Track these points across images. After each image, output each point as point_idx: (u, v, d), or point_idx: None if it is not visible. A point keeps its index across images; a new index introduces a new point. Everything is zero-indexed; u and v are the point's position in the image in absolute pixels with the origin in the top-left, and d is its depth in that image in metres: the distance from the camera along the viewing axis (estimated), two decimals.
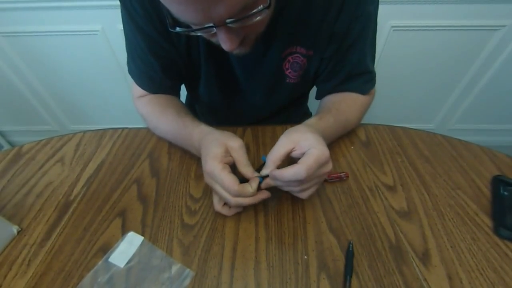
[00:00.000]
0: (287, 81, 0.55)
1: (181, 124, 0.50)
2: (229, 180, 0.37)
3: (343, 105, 0.54)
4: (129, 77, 0.57)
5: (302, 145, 0.38)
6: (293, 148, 0.38)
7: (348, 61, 0.52)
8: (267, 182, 0.39)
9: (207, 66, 0.53)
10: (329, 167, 0.38)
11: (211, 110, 0.71)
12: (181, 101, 0.61)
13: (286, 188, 0.40)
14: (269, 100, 0.61)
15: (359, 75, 0.54)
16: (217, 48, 0.37)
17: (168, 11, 0.31)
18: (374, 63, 0.55)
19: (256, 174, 0.39)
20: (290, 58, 0.51)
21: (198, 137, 0.45)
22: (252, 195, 0.38)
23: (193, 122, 0.49)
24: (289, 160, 0.39)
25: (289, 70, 0.53)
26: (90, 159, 0.54)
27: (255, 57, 0.51)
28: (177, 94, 0.61)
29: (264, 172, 0.39)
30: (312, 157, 0.35)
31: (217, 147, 0.39)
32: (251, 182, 0.39)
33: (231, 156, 0.40)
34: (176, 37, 0.48)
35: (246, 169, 0.39)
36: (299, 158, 0.37)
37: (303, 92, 0.68)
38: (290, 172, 0.35)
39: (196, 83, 0.59)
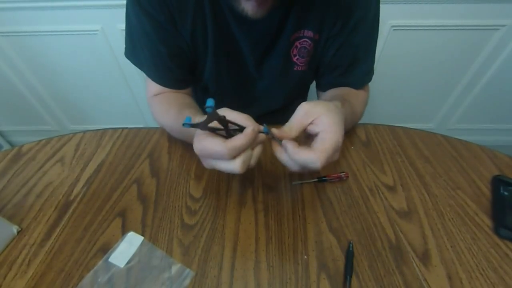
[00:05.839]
0: (295, 69, 0.56)
1: (181, 122, 0.49)
2: (213, 144, 0.32)
3: (351, 97, 0.54)
4: (140, 76, 0.56)
5: (321, 121, 0.34)
6: (313, 121, 0.35)
7: (353, 42, 0.52)
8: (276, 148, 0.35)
9: (215, 50, 0.52)
10: (338, 155, 0.35)
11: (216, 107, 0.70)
12: (190, 98, 0.59)
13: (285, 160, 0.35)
14: (278, 88, 0.61)
15: (362, 61, 0.55)
16: (226, 30, 0.37)
17: None
18: (375, 51, 0.56)
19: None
20: (297, 43, 0.52)
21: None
22: (246, 138, 0.32)
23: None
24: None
25: (297, 57, 0.54)
26: (90, 159, 0.53)
27: (266, 44, 0.52)
28: (188, 88, 0.60)
29: (276, 131, 0.34)
30: (330, 145, 0.32)
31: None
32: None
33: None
34: (180, 22, 0.48)
35: (246, 121, 0.33)
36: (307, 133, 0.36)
37: (308, 85, 0.69)
38: (303, 156, 0.32)
39: (202, 70, 0.57)
